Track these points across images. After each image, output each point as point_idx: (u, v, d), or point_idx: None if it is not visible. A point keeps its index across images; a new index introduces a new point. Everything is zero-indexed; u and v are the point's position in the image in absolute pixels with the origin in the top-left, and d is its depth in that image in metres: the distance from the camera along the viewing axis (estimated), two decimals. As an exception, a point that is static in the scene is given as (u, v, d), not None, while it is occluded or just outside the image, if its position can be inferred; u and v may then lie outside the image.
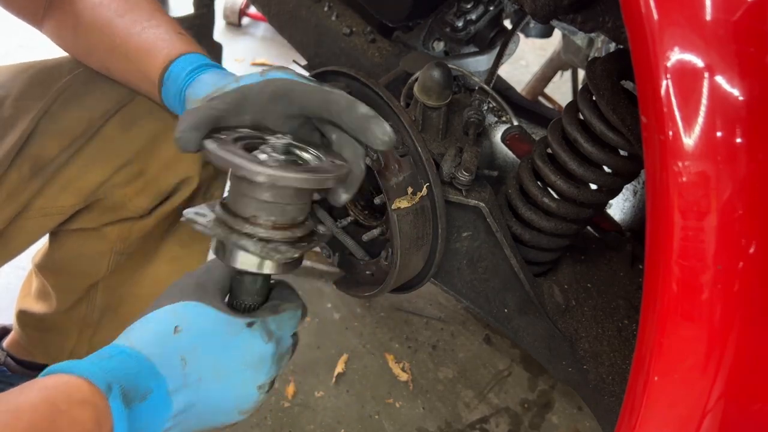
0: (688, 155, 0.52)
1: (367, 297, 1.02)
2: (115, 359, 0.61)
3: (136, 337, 0.65)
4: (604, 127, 0.85)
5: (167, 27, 0.93)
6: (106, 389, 0.57)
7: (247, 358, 0.68)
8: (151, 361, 0.63)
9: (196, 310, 0.68)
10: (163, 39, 0.91)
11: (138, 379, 0.61)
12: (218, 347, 0.67)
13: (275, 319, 0.72)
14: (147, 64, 0.90)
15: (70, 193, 1.00)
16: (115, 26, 0.93)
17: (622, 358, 0.95)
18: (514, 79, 2.47)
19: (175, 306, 0.68)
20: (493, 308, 1.06)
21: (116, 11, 0.94)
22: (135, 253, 1.14)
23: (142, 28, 0.92)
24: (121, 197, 1.03)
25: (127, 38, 0.92)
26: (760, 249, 0.53)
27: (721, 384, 0.59)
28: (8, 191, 0.95)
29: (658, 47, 0.51)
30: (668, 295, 0.57)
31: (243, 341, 0.68)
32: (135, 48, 0.92)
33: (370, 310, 1.81)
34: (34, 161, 0.96)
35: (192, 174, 1.05)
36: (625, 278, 1.05)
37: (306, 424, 1.54)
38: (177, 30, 0.94)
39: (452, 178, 0.94)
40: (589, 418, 1.61)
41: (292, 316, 0.74)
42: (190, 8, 1.87)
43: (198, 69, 0.87)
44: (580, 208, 0.94)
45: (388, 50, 1.38)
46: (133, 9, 0.94)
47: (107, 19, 0.94)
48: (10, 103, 0.97)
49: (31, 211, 0.99)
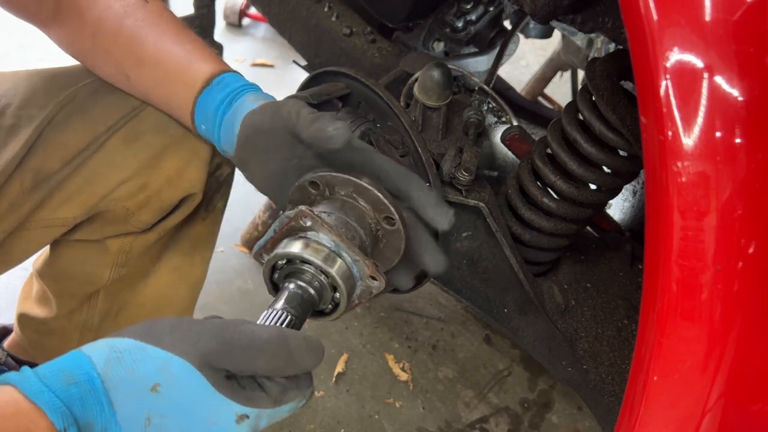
0: (688, 155, 0.52)
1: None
2: (80, 388, 0.55)
3: (113, 370, 0.57)
4: (603, 127, 0.85)
5: (198, 43, 0.93)
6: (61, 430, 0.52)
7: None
8: (113, 409, 0.56)
9: (189, 377, 0.57)
10: (205, 51, 0.91)
11: (94, 422, 0.55)
12: (192, 424, 0.58)
13: (273, 414, 0.60)
14: (189, 71, 0.89)
15: (72, 206, 0.99)
16: (146, 35, 0.91)
17: (622, 358, 0.95)
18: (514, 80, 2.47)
19: (171, 359, 0.57)
20: (493, 308, 1.06)
21: (144, 20, 0.92)
22: (136, 264, 1.14)
23: (177, 40, 0.91)
24: (124, 211, 1.01)
25: (160, 47, 0.91)
26: (760, 249, 0.53)
27: (721, 384, 0.59)
28: (10, 202, 0.94)
29: (657, 47, 0.51)
30: (668, 295, 0.57)
31: (221, 429, 0.58)
32: (171, 56, 0.90)
33: (370, 310, 1.81)
34: (37, 173, 0.95)
35: (195, 190, 1.04)
36: (624, 278, 1.05)
37: (306, 424, 1.54)
38: (205, 45, 0.93)
39: (452, 178, 0.94)
40: (589, 418, 1.61)
41: (291, 409, 0.62)
42: (190, 8, 1.87)
43: (241, 89, 0.87)
44: (580, 208, 0.94)
45: (388, 50, 1.38)
46: (161, 19, 0.94)
47: (136, 27, 0.92)
48: (13, 112, 0.95)
49: (32, 222, 0.98)
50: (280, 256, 0.69)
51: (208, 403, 0.57)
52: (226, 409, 0.58)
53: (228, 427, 0.58)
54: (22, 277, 1.34)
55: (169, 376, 0.57)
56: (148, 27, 0.92)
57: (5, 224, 0.95)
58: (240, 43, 2.91)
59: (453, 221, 0.74)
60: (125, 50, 0.93)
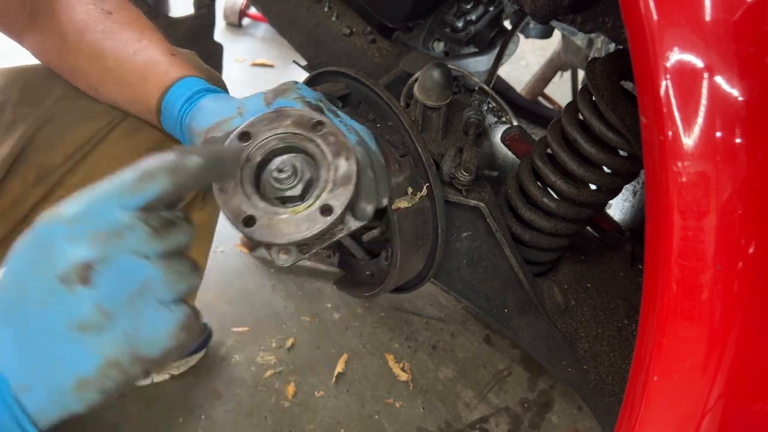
0: (688, 155, 0.52)
1: (367, 297, 1.02)
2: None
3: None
4: (603, 127, 0.85)
5: (160, 48, 0.90)
6: None
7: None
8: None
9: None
10: (158, 63, 0.88)
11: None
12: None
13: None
14: (142, 90, 0.87)
15: None
16: (105, 49, 0.89)
17: (622, 358, 0.95)
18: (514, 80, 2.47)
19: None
20: (493, 308, 1.06)
21: (104, 33, 0.90)
22: None
23: (134, 51, 0.88)
24: None
25: (118, 62, 0.88)
26: (760, 249, 0.53)
27: (721, 384, 0.59)
28: (12, 198, 0.95)
29: (657, 47, 0.51)
30: (668, 295, 0.57)
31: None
32: (128, 73, 0.88)
33: (370, 310, 1.82)
34: (39, 169, 0.96)
35: None
36: (624, 278, 1.05)
37: (306, 424, 1.54)
38: (170, 51, 0.90)
39: (452, 178, 0.94)
40: (589, 418, 1.61)
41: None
42: (190, 8, 1.87)
43: (197, 95, 0.85)
44: (580, 208, 0.94)
45: (388, 50, 1.38)
46: (123, 29, 0.91)
47: (96, 42, 0.89)
48: (11, 108, 0.97)
49: (34, 217, 0.99)
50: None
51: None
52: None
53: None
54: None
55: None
56: (108, 40, 0.89)
57: (8, 220, 0.96)
58: (240, 43, 2.92)
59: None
60: (87, 65, 0.92)
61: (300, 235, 0.70)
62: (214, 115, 0.81)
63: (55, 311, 0.52)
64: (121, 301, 0.53)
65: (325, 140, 0.75)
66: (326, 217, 0.71)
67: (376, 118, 0.93)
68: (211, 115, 0.81)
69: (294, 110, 0.78)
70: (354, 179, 0.72)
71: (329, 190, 0.73)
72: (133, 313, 0.53)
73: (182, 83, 0.85)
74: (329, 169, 0.74)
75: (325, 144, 0.74)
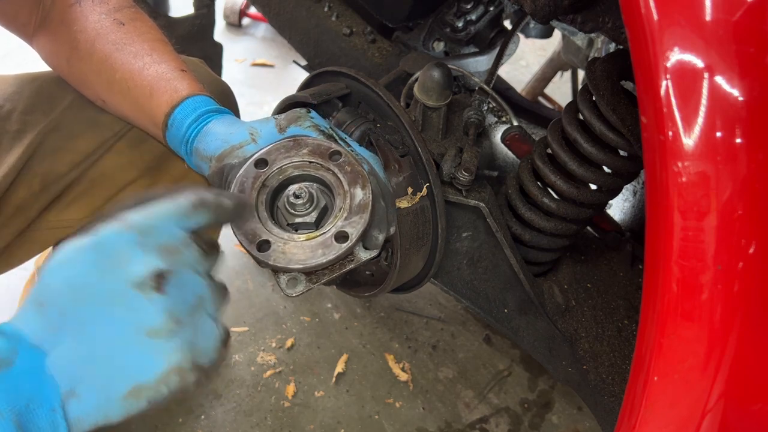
0: (688, 155, 0.52)
1: (367, 297, 1.02)
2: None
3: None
4: (604, 127, 0.85)
5: (170, 63, 0.89)
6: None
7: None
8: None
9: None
10: (167, 79, 0.87)
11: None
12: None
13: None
14: (149, 105, 0.87)
15: (78, 208, 0.99)
16: (115, 60, 0.88)
17: (622, 358, 0.95)
18: (514, 80, 2.47)
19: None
20: (493, 308, 1.06)
21: (115, 44, 0.89)
22: None
23: (144, 65, 0.88)
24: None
25: (126, 75, 0.88)
26: (760, 249, 0.53)
27: (721, 384, 0.59)
28: (17, 205, 0.95)
29: (658, 47, 0.51)
30: (668, 295, 0.57)
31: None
32: (136, 86, 0.87)
33: (370, 310, 1.81)
34: (44, 177, 0.96)
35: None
36: (624, 278, 1.05)
37: (306, 424, 1.54)
38: (180, 67, 0.89)
39: (452, 178, 0.94)
40: (589, 418, 1.61)
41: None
42: (190, 8, 1.87)
43: (204, 116, 0.84)
44: (580, 208, 0.94)
45: (388, 50, 1.38)
46: (134, 41, 0.90)
47: (106, 52, 0.89)
48: (18, 117, 0.96)
49: (38, 224, 0.99)
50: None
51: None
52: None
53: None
54: (23, 278, 1.35)
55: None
56: (118, 52, 0.89)
57: (12, 227, 0.96)
58: (240, 43, 2.91)
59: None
60: (96, 76, 0.92)
61: (315, 261, 0.71)
62: (223, 140, 0.81)
63: (124, 316, 0.53)
64: (186, 311, 0.55)
65: (342, 169, 0.76)
66: (341, 243, 0.72)
67: (376, 118, 0.93)
68: (220, 140, 0.82)
69: (311, 139, 0.79)
70: (370, 207, 0.73)
71: (344, 217, 0.73)
72: (193, 324, 0.55)
73: (190, 102, 0.85)
74: (345, 197, 0.75)
75: (341, 173, 0.76)
